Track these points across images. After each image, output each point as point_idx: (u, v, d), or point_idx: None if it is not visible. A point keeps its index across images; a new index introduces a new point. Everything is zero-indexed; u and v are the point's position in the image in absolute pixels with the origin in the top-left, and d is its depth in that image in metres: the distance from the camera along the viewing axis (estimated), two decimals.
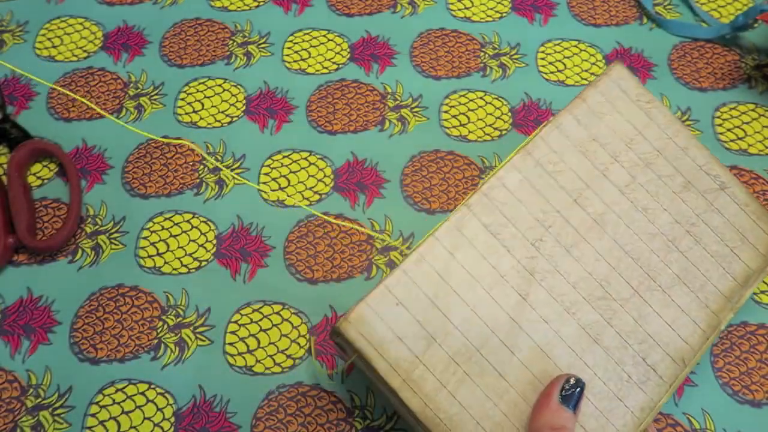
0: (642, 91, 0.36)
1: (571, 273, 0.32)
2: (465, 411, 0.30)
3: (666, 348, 0.32)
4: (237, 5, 0.56)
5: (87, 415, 0.39)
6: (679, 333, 0.33)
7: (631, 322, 0.32)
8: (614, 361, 0.31)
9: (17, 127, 0.49)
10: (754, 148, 0.48)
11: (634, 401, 0.31)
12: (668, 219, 0.34)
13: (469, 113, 0.50)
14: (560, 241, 0.32)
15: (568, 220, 0.33)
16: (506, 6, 0.56)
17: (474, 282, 0.31)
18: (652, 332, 0.32)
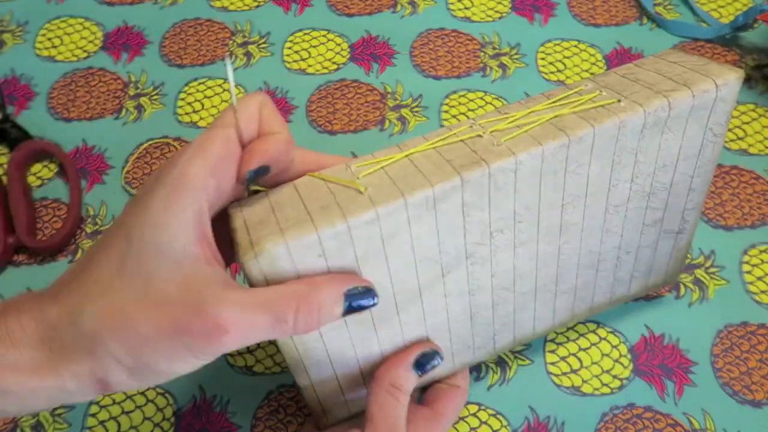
0: (723, 120, 0.31)
1: (500, 264, 0.31)
2: (324, 348, 0.29)
3: (516, 332, 0.36)
4: (237, 5, 0.56)
5: (87, 415, 0.39)
6: (536, 325, 0.36)
7: (510, 310, 0.34)
8: (472, 334, 0.34)
9: (17, 127, 0.49)
10: (754, 148, 0.48)
11: (461, 359, 0.35)
12: (615, 244, 0.35)
13: (469, 113, 0.50)
14: (517, 237, 0.31)
15: (540, 221, 0.31)
16: (506, 6, 0.56)
17: (410, 253, 0.28)
18: (518, 319, 0.35)
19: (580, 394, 0.39)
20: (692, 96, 0.29)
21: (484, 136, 0.28)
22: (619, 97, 0.30)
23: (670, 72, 0.31)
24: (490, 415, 0.39)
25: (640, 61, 0.33)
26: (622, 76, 0.31)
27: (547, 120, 0.29)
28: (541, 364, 0.41)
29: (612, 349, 0.41)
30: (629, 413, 0.39)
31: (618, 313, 0.42)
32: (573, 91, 0.30)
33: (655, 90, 0.29)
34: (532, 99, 0.31)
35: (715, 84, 0.29)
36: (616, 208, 0.33)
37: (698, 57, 0.32)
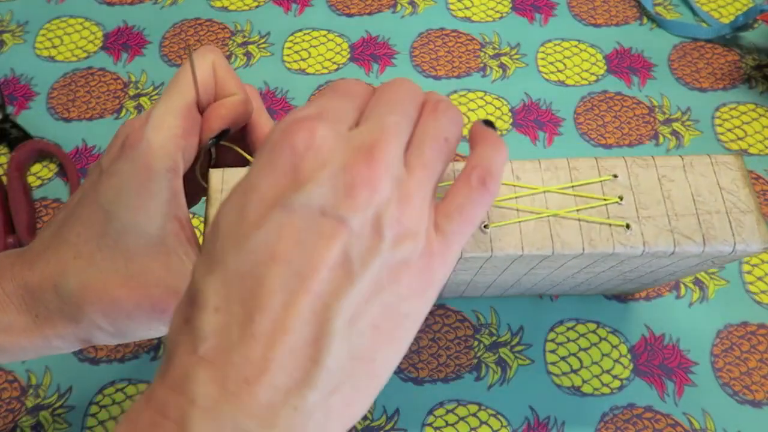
0: (727, 262, 0.30)
1: (458, 276, 0.32)
2: None
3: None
4: (237, 5, 0.56)
5: (87, 415, 0.39)
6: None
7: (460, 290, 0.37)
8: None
9: (17, 127, 0.49)
10: (754, 148, 0.48)
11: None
12: (579, 281, 0.35)
13: (469, 113, 0.50)
14: (478, 275, 0.32)
15: (503, 273, 0.32)
16: (506, 6, 0.56)
17: None
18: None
19: (580, 394, 0.39)
20: (702, 250, 0.27)
21: None
22: (632, 220, 0.27)
23: (706, 201, 0.28)
24: (490, 415, 0.39)
25: (693, 161, 0.29)
26: (659, 179, 0.28)
27: (547, 216, 0.27)
28: (541, 364, 0.41)
29: (612, 349, 0.41)
30: (629, 413, 0.39)
31: (618, 313, 0.42)
32: (599, 180, 0.28)
33: (671, 226, 0.27)
34: (556, 166, 0.28)
35: (734, 246, 0.27)
36: (588, 273, 0.33)
37: (750, 193, 0.28)
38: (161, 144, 0.24)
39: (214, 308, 0.17)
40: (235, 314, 0.17)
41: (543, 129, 0.49)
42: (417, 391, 0.40)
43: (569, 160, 0.28)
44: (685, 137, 0.48)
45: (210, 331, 0.17)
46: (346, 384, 0.17)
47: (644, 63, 0.52)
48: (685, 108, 0.50)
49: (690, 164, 0.28)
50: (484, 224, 0.27)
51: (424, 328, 0.42)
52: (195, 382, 0.16)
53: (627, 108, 0.50)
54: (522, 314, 0.42)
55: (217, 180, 0.27)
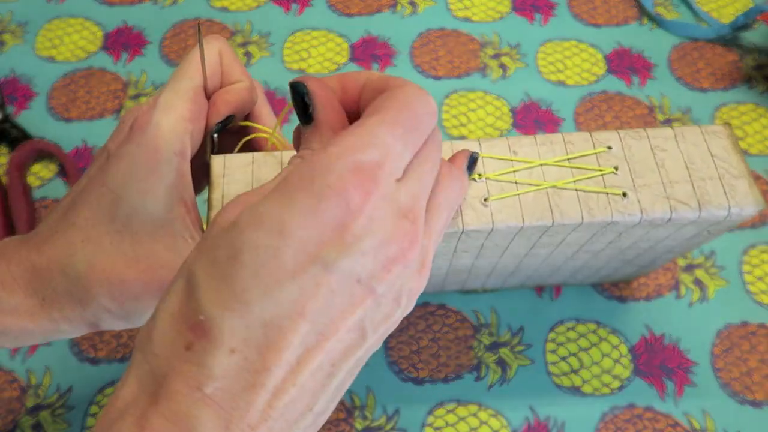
0: (723, 229, 0.30)
1: (459, 260, 0.32)
2: None
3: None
4: (237, 5, 0.56)
5: (87, 415, 0.39)
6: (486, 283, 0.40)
7: (463, 278, 0.38)
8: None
9: (17, 127, 0.49)
10: (754, 148, 0.48)
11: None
12: (578, 265, 0.36)
13: (469, 113, 0.50)
14: (480, 255, 0.32)
15: (504, 253, 0.32)
16: (506, 6, 0.56)
17: None
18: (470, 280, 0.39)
19: (580, 394, 0.39)
20: (698, 215, 0.27)
21: (478, 180, 0.28)
22: (628, 189, 0.28)
23: (699, 169, 0.28)
24: (490, 415, 0.39)
25: (684, 131, 0.29)
26: (652, 149, 0.29)
27: (545, 187, 0.28)
28: (541, 364, 0.41)
29: (612, 349, 0.41)
30: (629, 413, 0.39)
31: (618, 313, 0.42)
32: (594, 152, 0.29)
33: (666, 192, 0.28)
34: (551, 141, 0.29)
35: (728, 210, 0.27)
36: (587, 252, 0.33)
37: (740, 159, 0.28)
38: (170, 127, 0.25)
39: (229, 349, 0.17)
40: (250, 361, 0.17)
41: (543, 129, 0.49)
42: (417, 391, 0.40)
43: (564, 135, 0.29)
44: None
45: (221, 373, 0.16)
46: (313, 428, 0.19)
47: (644, 63, 0.52)
48: (685, 108, 0.50)
49: (681, 134, 0.29)
50: (484, 198, 0.27)
51: (424, 328, 0.42)
52: (200, 422, 0.16)
53: (627, 108, 0.50)
54: (522, 314, 0.42)
55: (219, 166, 0.28)
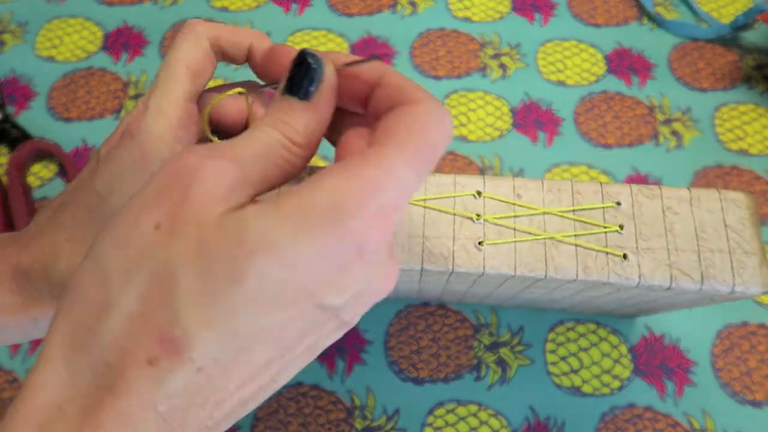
0: (725, 298, 0.29)
1: (453, 285, 0.32)
2: None
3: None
4: (237, 5, 0.56)
5: None
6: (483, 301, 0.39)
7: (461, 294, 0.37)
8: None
9: (17, 127, 0.49)
10: (754, 148, 0.48)
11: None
12: (576, 301, 0.35)
13: (469, 113, 0.50)
14: (473, 287, 0.32)
15: (498, 290, 0.32)
16: (506, 6, 0.56)
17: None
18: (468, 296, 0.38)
19: (580, 394, 0.39)
20: (700, 288, 0.26)
21: (476, 221, 0.27)
22: (630, 251, 0.27)
23: (710, 239, 0.27)
24: (490, 415, 0.39)
25: (701, 195, 0.28)
26: (663, 210, 0.27)
27: (543, 238, 0.27)
28: (541, 364, 0.41)
29: (612, 349, 0.41)
30: (629, 413, 0.39)
31: None
32: (601, 206, 0.27)
33: (670, 260, 0.26)
34: (559, 188, 0.28)
35: (732, 288, 0.26)
36: (585, 296, 0.32)
37: (756, 234, 0.27)
38: (159, 134, 0.25)
39: (197, 368, 0.16)
40: (212, 379, 0.16)
41: (543, 129, 0.49)
42: (417, 391, 0.40)
43: (573, 183, 0.28)
44: (685, 137, 0.48)
45: (180, 390, 0.16)
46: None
47: (644, 63, 0.52)
48: (685, 108, 0.50)
49: (698, 198, 0.28)
50: (478, 241, 0.27)
51: (424, 328, 0.42)
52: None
53: (627, 108, 0.50)
54: (522, 314, 0.42)
55: None
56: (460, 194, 0.28)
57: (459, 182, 0.28)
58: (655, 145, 0.48)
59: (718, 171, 0.47)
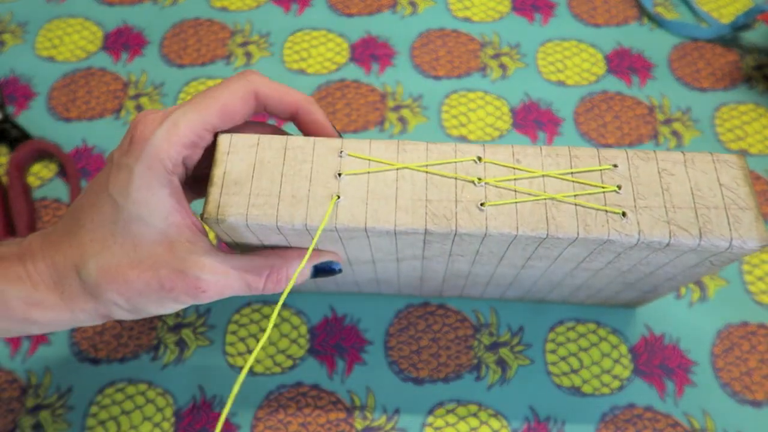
0: (727, 260, 0.29)
1: (455, 264, 0.33)
2: (260, 241, 0.30)
3: (463, 293, 0.41)
4: (237, 5, 0.56)
5: (87, 415, 0.39)
6: (483, 294, 0.41)
7: (460, 285, 0.38)
8: (420, 286, 0.38)
9: (17, 127, 0.49)
10: (754, 148, 0.48)
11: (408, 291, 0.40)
12: (578, 283, 0.36)
13: (469, 113, 0.50)
14: (476, 261, 0.32)
15: (501, 261, 0.32)
16: (506, 6, 0.56)
17: (367, 248, 0.31)
18: (467, 289, 0.39)
19: (580, 394, 0.39)
20: (698, 243, 0.27)
21: (477, 184, 0.28)
22: (629, 209, 0.27)
23: (705, 197, 0.27)
24: (490, 415, 0.39)
25: (695, 157, 0.28)
26: (659, 172, 0.28)
27: (544, 198, 0.27)
28: (541, 364, 0.41)
29: (612, 349, 0.41)
30: (629, 413, 0.39)
31: (618, 313, 0.42)
32: (599, 168, 0.28)
33: (668, 217, 0.27)
34: (557, 153, 0.28)
35: (730, 242, 0.26)
36: (586, 270, 0.33)
37: (750, 191, 0.28)
38: (165, 149, 0.27)
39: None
40: None
41: (543, 129, 0.49)
42: (417, 391, 0.40)
43: (571, 148, 0.28)
44: (685, 137, 0.48)
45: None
46: None
47: (644, 63, 0.52)
48: (685, 108, 0.50)
49: (691, 160, 0.28)
50: (480, 202, 0.27)
51: (424, 328, 0.42)
52: None
53: (627, 108, 0.50)
54: (522, 314, 0.42)
55: (225, 143, 0.28)
56: (460, 160, 0.28)
57: (460, 149, 0.29)
58: (655, 145, 0.48)
59: None
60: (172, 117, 0.27)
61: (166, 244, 0.27)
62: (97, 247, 0.27)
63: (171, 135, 0.27)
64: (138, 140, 0.27)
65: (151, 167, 0.27)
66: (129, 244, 0.27)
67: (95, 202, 0.28)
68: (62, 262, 0.27)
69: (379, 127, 0.49)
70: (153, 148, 0.27)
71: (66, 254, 0.28)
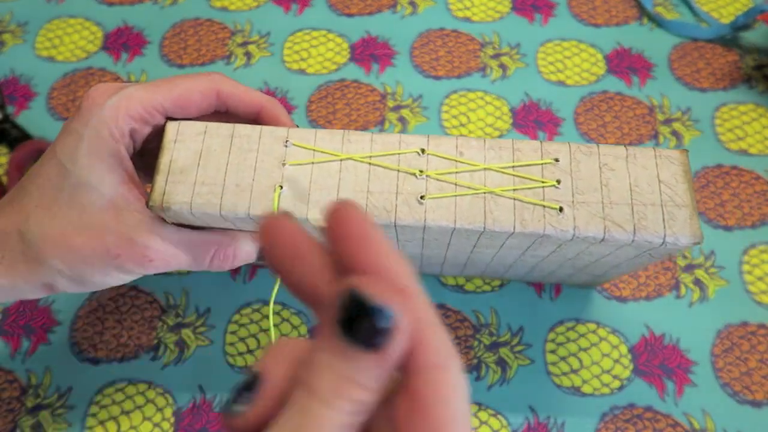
0: (666, 255, 0.29)
1: (406, 248, 0.33)
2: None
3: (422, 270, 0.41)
4: (237, 5, 0.56)
5: (87, 415, 0.39)
6: (442, 272, 0.40)
7: (417, 264, 0.38)
8: None
9: (17, 127, 0.49)
10: (754, 148, 0.48)
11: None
12: (528, 267, 0.36)
13: (469, 113, 0.50)
14: (425, 246, 0.32)
15: (448, 248, 0.32)
16: (506, 6, 0.56)
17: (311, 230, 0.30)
18: (423, 265, 0.39)
19: (580, 394, 0.39)
20: (632, 238, 0.27)
21: (418, 177, 0.28)
22: (566, 204, 0.27)
23: (643, 193, 0.28)
24: (490, 415, 0.39)
25: (637, 152, 0.29)
26: (600, 167, 0.28)
27: (483, 192, 0.27)
28: (541, 364, 0.41)
29: (612, 349, 0.41)
30: (629, 413, 0.39)
31: (618, 313, 0.42)
32: (540, 163, 0.28)
33: (604, 213, 0.27)
34: (500, 146, 0.28)
35: (663, 238, 0.27)
36: (533, 256, 0.33)
37: (688, 188, 0.28)
38: (112, 117, 0.27)
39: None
40: None
41: (543, 129, 0.49)
42: None
43: (514, 141, 0.29)
44: (685, 137, 0.48)
45: None
46: None
47: (644, 63, 0.52)
48: (685, 108, 0.50)
49: (633, 155, 0.29)
50: (420, 195, 0.27)
51: None
52: None
53: (627, 108, 0.50)
54: (522, 314, 0.42)
55: (172, 131, 0.29)
56: (404, 151, 0.29)
57: (404, 141, 0.29)
58: (655, 145, 0.48)
59: (717, 171, 0.47)
60: (126, 90, 0.28)
61: (114, 211, 0.27)
62: (41, 212, 0.27)
63: (120, 105, 0.27)
64: (88, 107, 0.27)
65: (99, 134, 0.27)
66: (75, 210, 0.27)
67: (41, 167, 0.28)
68: (5, 227, 0.27)
69: (379, 127, 0.49)
70: (102, 114, 0.27)
71: (9, 219, 0.27)
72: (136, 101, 0.27)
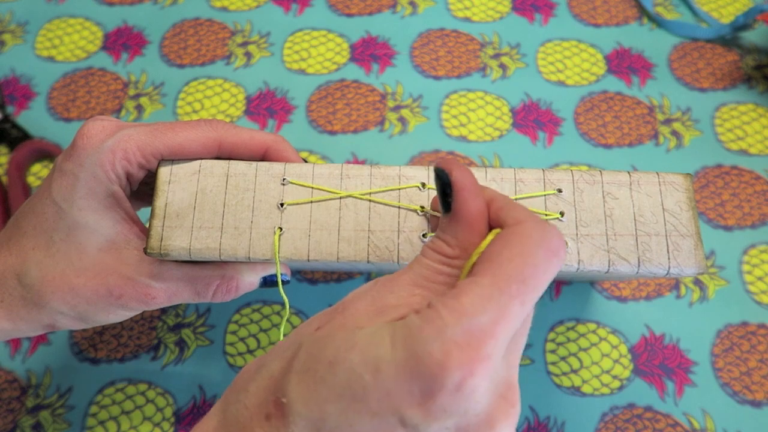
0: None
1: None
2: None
3: None
4: (237, 5, 0.56)
5: (87, 415, 0.39)
6: None
7: None
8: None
9: (17, 127, 0.49)
10: (754, 148, 0.48)
11: None
12: None
13: (469, 113, 0.50)
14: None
15: None
16: (506, 6, 0.56)
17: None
18: None
19: (580, 394, 0.39)
20: (636, 271, 0.27)
21: (419, 213, 0.28)
22: (570, 238, 0.27)
23: (647, 223, 0.27)
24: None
25: (641, 179, 0.28)
26: (603, 196, 0.28)
27: None
28: (541, 364, 0.41)
29: (612, 349, 0.41)
30: (629, 413, 0.39)
31: (618, 313, 0.42)
32: (542, 194, 0.28)
33: (608, 245, 0.27)
34: (502, 177, 0.28)
35: (668, 270, 0.27)
36: None
37: (692, 216, 0.28)
38: (109, 160, 0.26)
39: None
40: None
41: (543, 129, 0.49)
42: None
43: (516, 171, 0.28)
44: (685, 137, 0.48)
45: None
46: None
47: (644, 63, 0.52)
48: (685, 108, 0.50)
49: (637, 182, 0.28)
50: (423, 233, 0.27)
51: None
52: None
53: (627, 108, 0.50)
54: None
55: (165, 173, 0.28)
56: (404, 186, 0.28)
57: (404, 174, 0.28)
58: (655, 145, 0.48)
59: (717, 171, 0.47)
60: (125, 132, 0.27)
61: (113, 251, 0.27)
62: (39, 254, 0.26)
63: (117, 148, 0.26)
64: (83, 146, 0.27)
65: (95, 175, 0.26)
66: (73, 251, 0.26)
67: (35, 207, 0.27)
68: (2, 270, 0.27)
69: (379, 127, 0.49)
70: (99, 157, 0.26)
71: (6, 262, 0.27)
72: (134, 145, 0.27)
